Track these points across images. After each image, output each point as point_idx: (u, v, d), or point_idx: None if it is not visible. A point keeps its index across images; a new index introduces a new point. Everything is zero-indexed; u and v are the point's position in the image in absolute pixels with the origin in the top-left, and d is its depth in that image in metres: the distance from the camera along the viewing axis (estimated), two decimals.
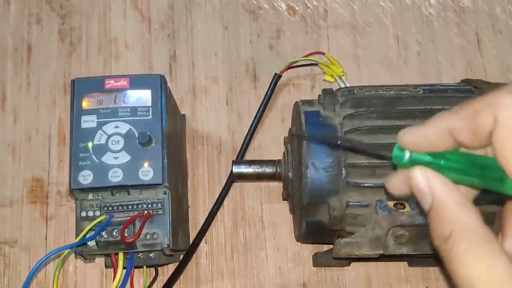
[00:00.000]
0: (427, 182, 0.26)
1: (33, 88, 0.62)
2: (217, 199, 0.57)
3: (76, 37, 0.64)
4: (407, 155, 0.27)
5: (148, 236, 0.45)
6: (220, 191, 0.57)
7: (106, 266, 0.52)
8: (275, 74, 0.60)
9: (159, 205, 0.46)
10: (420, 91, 0.48)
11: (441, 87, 0.50)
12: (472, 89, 0.50)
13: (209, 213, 0.56)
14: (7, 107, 0.61)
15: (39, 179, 0.59)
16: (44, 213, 0.58)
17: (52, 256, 0.42)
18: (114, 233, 0.44)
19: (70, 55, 0.63)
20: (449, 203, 0.25)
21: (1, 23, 0.64)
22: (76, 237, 0.43)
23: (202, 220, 0.56)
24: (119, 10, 0.65)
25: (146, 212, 0.45)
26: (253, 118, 0.59)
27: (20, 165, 0.59)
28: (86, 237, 0.43)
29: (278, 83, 0.60)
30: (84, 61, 0.63)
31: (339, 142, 0.46)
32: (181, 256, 0.54)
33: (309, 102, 0.50)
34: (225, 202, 0.58)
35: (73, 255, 0.54)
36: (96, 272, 0.55)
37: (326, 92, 0.49)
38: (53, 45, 0.63)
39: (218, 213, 0.57)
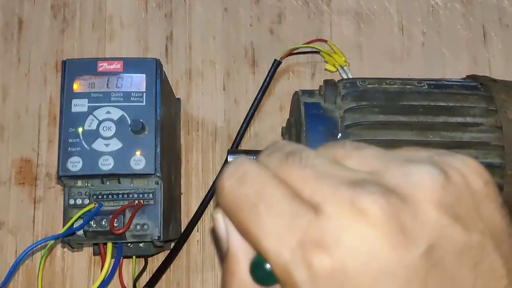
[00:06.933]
0: (225, 228, 0.22)
1: (24, 65, 0.60)
2: (211, 187, 0.55)
3: (70, 13, 0.61)
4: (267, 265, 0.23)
5: (138, 227, 0.44)
6: (214, 179, 0.56)
7: (95, 254, 0.50)
8: (275, 60, 0.58)
9: (151, 195, 0.45)
10: (424, 86, 0.47)
11: (446, 83, 0.48)
12: (478, 85, 0.48)
13: (202, 201, 0.55)
14: None
15: (28, 160, 0.57)
16: (32, 195, 0.56)
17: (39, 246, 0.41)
18: (103, 223, 0.42)
19: (63, 32, 0.61)
20: (242, 261, 0.22)
21: None
22: (63, 226, 0.42)
23: (194, 208, 0.55)
24: None
25: (136, 202, 0.44)
26: (250, 105, 0.57)
27: (8, 145, 0.57)
28: (74, 226, 0.42)
29: (278, 69, 0.58)
30: (77, 39, 0.61)
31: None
32: (172, 244, 0.53)
33: (310, 93, 0.48)
34: None
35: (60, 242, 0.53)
36: (84, 258, 0.54)
37: (328, 83, 0.47)
38: (45, 20, 0.61)
39: (211, 202, 0.56)
